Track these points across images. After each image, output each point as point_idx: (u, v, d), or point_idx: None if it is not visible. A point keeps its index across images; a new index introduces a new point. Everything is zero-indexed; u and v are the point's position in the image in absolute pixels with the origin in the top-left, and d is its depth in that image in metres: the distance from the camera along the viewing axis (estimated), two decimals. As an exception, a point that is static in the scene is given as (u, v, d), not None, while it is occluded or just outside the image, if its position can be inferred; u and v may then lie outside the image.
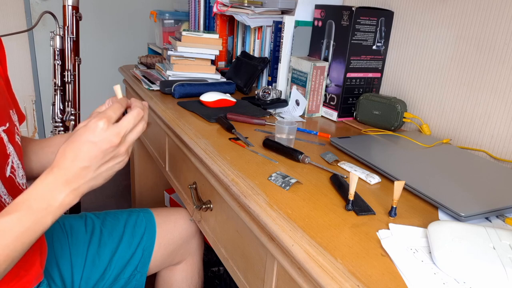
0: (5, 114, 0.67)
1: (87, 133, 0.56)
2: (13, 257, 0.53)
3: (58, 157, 0.56)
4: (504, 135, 0.85)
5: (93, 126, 0.56)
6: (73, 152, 0.55)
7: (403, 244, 0.53)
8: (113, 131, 0.57)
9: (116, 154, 0.58)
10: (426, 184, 0.69)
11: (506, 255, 0.49)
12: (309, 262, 0.50)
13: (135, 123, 0.60)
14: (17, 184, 0.68)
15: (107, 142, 0.56)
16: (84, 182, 0.56)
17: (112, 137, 0.56)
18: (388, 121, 0.99)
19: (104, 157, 0.57)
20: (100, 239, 0.90)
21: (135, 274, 0.93)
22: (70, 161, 0.55)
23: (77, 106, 1.21)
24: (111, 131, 0.56)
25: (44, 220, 0.54)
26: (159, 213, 1.01)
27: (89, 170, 0.56)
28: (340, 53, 1.06)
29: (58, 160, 0.56)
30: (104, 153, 0.56)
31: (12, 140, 0.67)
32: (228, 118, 1.01)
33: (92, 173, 0.57)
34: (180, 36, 1.31)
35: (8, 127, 0.66)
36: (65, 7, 1.11)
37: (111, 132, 0.56)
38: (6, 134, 0.65)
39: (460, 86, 0.94)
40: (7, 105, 0.68)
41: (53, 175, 0.55)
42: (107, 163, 0.58)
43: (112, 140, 0.56)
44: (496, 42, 0.86)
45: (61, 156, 0.56)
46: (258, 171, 0.74)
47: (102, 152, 0.56)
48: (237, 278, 0.77)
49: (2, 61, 0.73)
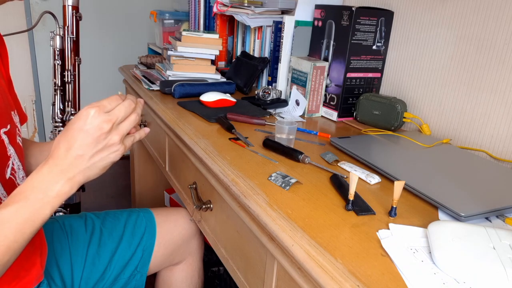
0: (6, 116, 0.67)
1: (79, 121, 0.56)
2: (15, 249, 0.53)
3: (53, 148, 0.57)
4: (504, 135, 0.85)
5: (84, 113, 0.56)
6: (66, 141, 0.56)
7: (403, 244, 0.53)
8: (103, 118, 0.57)
9: (109, 143, 0.58)
10: (426, 184, 0.69)
11: (506, 255, 0.49)
12: (309, 262, 0.50)
13: (126, 112, 0.60)
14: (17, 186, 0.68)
15: (98, 129, 0.56)
16: (79, 171, 0.57)
17: (102, 124, 0.57)
18: (388, 121, 0.99)
19: (96, 145, 0.57)
20: (100, 239, 0.90)
21: (135, 274, 0.93)
22: (64, 150, 0.56)
23: (77, 106, 1.21)
24: (101, 117, 0.57)
25: (42, 210, 0.54)
26: (159, 213, 1.01)
27: (83, 159, 0.57)
28: (340, 53, 1.06)
29: (53, 151, 0.56)
30: (96, 141, 0.57)
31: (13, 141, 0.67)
32: (228, 118, 1.01)
33: (86, 162, 0.57)
34: (180, 36, 1.31)
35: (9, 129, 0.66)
36: (65, 7, 1.11)
37: (101, 119, 0.57)
38: (7, 136, 0.65)
39: (460, 86, 0.94)
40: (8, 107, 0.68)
41: (48, 165, 0.56)
42: (101, 152, 0.58)
43: (103, 127, 0.57)
44: (496, 42, 0.86)
45: (56, 146, 0.57)
46: (258, 171, 0.74)
47: (94, 139, 0.56)
48: (237, 278, 0.77)
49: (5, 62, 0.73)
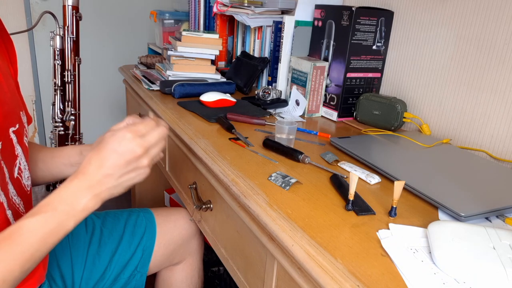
0: (16, 115, 0.67)
1: (114, 143, 0.60)
2: (36, 258, 0.55)
3: (84, 163, 0.60)
4: (504, 135, 0.85)
5: (120, 136, 0.60)
6: (99, 160, 0.59)
7: (403, 244, 0.53)
8: (137, 142, 0.60)
9: (138, 166, 0.62)
10: (426, 184, 0.69)
11: (506, 255, 0.49)
12: (309, 262, 0.50)
13: (158, 139, 0.63)
14: (23, 185, 0.68)
15: (131, 152, 0.60)
16: (106, 189, 0.60)
17: (136, 148, 0.60)
18: (388, 121, 0.99)
19: (127, 166, 0.60)
20: (100, 239, 0.90)
21: (135, 274, 0.93)
22: (95, 167, 0.59)
23: (77, 106, 1.21)
24: (136, 142, 0.60)
25: (67, 223, 0.57)
26: (159, 213, 1.01)
27: (112, 178, 0.60)
28: (340, 53, 1.06)
29: (84, 167, 0.60)
30: (127, 163, 0.60)
31: (20, 141, 0.67)
32: (228, 118, 1.01)
33: (114, 181, 0.60)
34: (180, 36, 1.31)
35: (17, 128, 0.66)
36: (65, 7, 1.10)
37: (136, 143, 0.60)
38: (15, 135, 0.65)
39: (460, 86, 0.94)
40: (17, 107, 0.68)
41: (78, 180, 0.59)
42: (129, 173, 0.61)
43: (136, 151, 0.60)
44: (496, 42, 0.86)
45: (87, 163, 0.60)
46: (258, 171, 0.74)
47: (125, 162, 0.60)
48: (237, 278, 0.77)
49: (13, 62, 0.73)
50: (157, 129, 0.64)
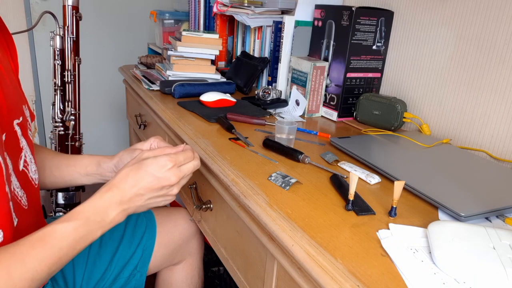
0: (19, 108, 0.67)
1: (154, 166, 0.63)
2: (62, 262, 0.57)
3: (120, 177, 0.63)
4: (504, 135, 0.85)
5: (162, 162, 0.64)
6: (135, 179, 0.63)
7: (403, 244, 0.53)
8: (174, 172, 0.64)
9: (168, 193, 0.66)
10: (426, 184, 0.69)
11: (506, 255, 0.49)
12: (309, 262, 0.50)
13: (193, 171, 0.68)
14: (30, 178, 0.68)
15: (166, 180, 0.64)
16: (134, 206, 0.63)
17: (172, 177, 0.64)
18: (388, 121, 0.99)
19: (158, 191, 0.64)
20: (101, 239, 0.90)
21: (135, 274, 0.93)
22: (130, 185, 0.62)
23: (77, 106, 1.21)
24: (173, 171, 0.64)
25: (95, 232, 0.60)
26: (159, 213, 1.01)
27: (142, 198, 0.63)
28: (340, 53, 1.06)
29: (119, 181, 0.62)
30: (160, 189, 0.64)
31: (25, 134, 0.67)
32: (228, 118, 1.01)
33: (143, 202, 0.64)
34: (180, 36, 1.31)
35: (21, 121, 0.66)
36: (65, 7, 1.11)
37: (173, 173, 0.64)
38: (19, 127, 0.65)
39: (460, 86, 0.94)
40: (20, 100, 0.68)
41: (111, 193, 0.62)
42: (158, 198, 0.65)
43: (171, 180, 0.64)
44: (496, 42, 0.86)
45: (123, 178, 0.63)
46: (258, 171, 0.74)
47: (159, 187, 0.64)
48: (237, 278, 0.77)
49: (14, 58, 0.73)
50: (193, 161, 0.68)
